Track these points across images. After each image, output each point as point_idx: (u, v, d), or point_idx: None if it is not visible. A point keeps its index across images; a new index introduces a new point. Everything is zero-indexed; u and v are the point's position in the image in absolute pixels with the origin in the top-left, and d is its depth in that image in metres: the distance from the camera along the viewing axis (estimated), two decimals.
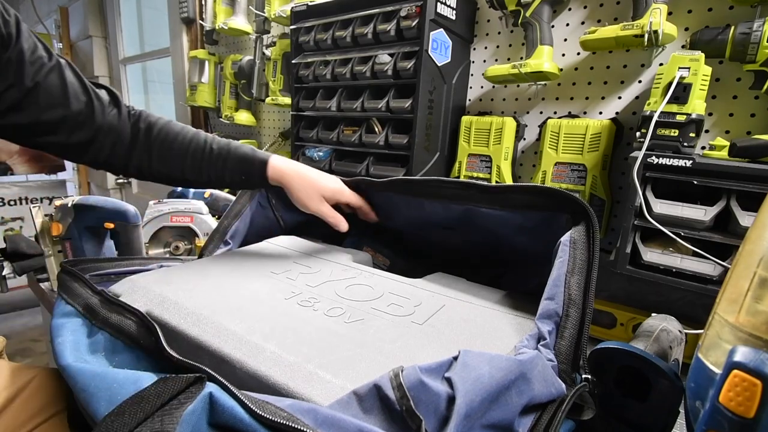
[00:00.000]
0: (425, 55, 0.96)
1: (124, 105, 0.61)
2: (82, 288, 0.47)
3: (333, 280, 0.56)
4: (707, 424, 0.28)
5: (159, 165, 0.62)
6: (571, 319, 0.42)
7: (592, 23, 0.92)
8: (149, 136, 0.61)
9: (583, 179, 0.87)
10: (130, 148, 0.61)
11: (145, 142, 0.61)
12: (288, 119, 1.62)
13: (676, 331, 0.50)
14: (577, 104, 0.97)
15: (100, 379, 0.32)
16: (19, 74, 0.51)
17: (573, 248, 0.46)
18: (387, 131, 1.05)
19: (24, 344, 2.29)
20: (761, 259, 0.29)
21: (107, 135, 0.59)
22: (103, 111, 0.58)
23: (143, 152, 0.61)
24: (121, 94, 0.61)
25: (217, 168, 0.63)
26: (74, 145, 0.57)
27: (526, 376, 0.33)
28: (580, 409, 0.38)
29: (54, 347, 0.40)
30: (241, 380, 0.36)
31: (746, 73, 0.75)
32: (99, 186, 3.06)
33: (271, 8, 1.41)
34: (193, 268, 0.57)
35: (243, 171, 0.64)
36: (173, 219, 1.03)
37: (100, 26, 2.90)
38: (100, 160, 0.60)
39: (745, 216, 0.61)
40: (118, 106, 0.60)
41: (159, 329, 0.36)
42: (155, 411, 0.27)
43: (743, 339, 0.29)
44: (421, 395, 0.29)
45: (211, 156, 0.63)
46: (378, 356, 0.38)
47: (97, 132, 0.58)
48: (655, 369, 0.40)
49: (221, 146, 0.63)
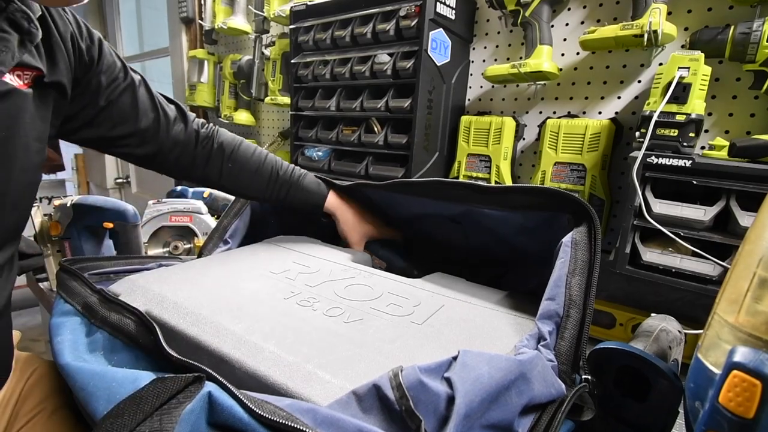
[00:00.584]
0: (424, 54, 0.96)
1: (192, 121, 0.64)
2: (81, 287, 0.47)
3: (332, 280, 0.55)
4: (707, 425, 0.28)
5: (226, 182, 0.67)
6: (572, 319, 0.42)
7: (591, 23, 0.92)
8: (222, 156, 0.65)
9: (583, 179, 0.87)
10: (196, 162, 0.65)
11: (217, 161, 0.65)
12: (287, 119, 1.61)
13: (676, 332, 0.50)
14: (576, 104, 0.97)
15: (99, 378, 0.32)
16: (96, 95, 0.54)
17: (574, 249, 0.46)
18: (386, 131, 1.05)
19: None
20: (761, 259, 0.29)
21: (171, 149, 0.62)
22: (168, 127, 0.61)
23: (213, 168, 0.66)
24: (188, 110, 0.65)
25: (280, 195, 0.70)
26: (140, 156, 0.61)
27: (526, 377, 0.33)
28: (579, 409, 0.38)
29: (53, 346, 0.40)
30: (240, 380, 0.36)
31: (746, 73, 0.75)
32: (98, 186, 3.05)
33: (271, 8, 1.41)
34: (192, 267, 0.57)
35: (303, 202, 0.72)
36: (172, 219, 1.03)
37: (99, 26, 2.89)
38: (165, 170, 0.65)
39: (745, 216, 0.61)
40: (185, 121, 0.63)
41: (158, 328, 0.36)
42: (154, 411, 0.27)
43: (743, 339, 0.29)
44: (421, 395, 0.29)
45: (276, 184, 0.69)
46: (377, 356, 0.38)
47: (161, 146, 0.61)
48: (654, 369, 0.40)
49: (286, 176, 0.69)
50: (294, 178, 0.70)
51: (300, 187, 0.70)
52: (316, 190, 0.72)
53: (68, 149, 3.10)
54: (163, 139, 0.61)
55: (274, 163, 0.69)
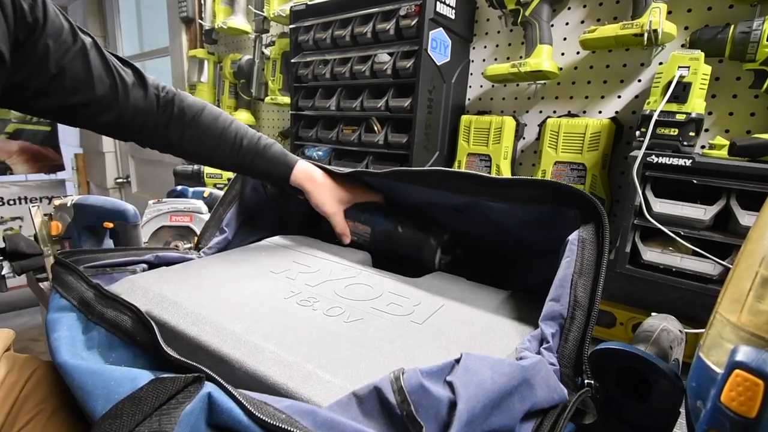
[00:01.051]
0: (424, 54, 0.96)
1: (151, 85, 0.61)
2: (77, 281, 0.46)
3: (332, 279, 0.55)
4: (709, 424, 0.28)
5: (188, 147, 0.64)
6: (577, 322, 0.41)
7: (591, 22, 0.92)
8: (183, 120, 0.62)
9: (583, 178, 0.87)
10: (158, 128, 0.61)
11: (178, 126, 0.62)
12: (287, 118, 1.61)
13: (677, 331, 0.50)
14: (576, 103, 0.97)
15: (97, 376, 0.31)
16: (44, 61, 0.50)
17: (581, 248, 0.44)
18: (386, 130, 1.05)
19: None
20: (763, 258, 0.29)
21: (134, 117, 0.59)
22: (127, 93, 0.57)
23: (174, 133, 0.62)
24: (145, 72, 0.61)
25: (244, 163, 0.66)
26: (103, 125, 0.58)
27: (529, 382, 0.33)
28: (581, 413, 0.38)
29: (50, 343, 0.39)
30: (240, 380, 0.36)
31: (746, 72, 0.75)
32: (98, 185, 3.05)
33: (271, 7, 1.41)
34: (192, 267, 0.57)
35: (268, 172, 0.67)
36: (172, 218, 1.03)
37: (99, 26, 2.89)
38: (129, 138, 0.62)
39: (745, 215, 0.61)
40: (145, 86, 0.60)
41: (156, 327, 0.36)
42: (153, 411, 0.26)
43: (745, 338, 0.29)
44: (422, 400, 0.29)
45: (240, 152, 0.65)
46: (377, 356, 0.38)
47: (122, 114, 0.58)
48: (655, 369, 0.40)
49: (251, 143, 0.65)
50: (260, 146, 0.66)
51: (265, 156, 0.66)
52: (282, 161, 0.67)
53: (68, 149, 3.10)
54: (122, 106, 0.57)
55: (239, 130, 0.65)
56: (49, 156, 2.92)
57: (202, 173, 1.50)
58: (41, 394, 0.48)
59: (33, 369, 0.50)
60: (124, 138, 0.62)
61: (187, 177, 1.50)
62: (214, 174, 1.51)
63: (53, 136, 2.93)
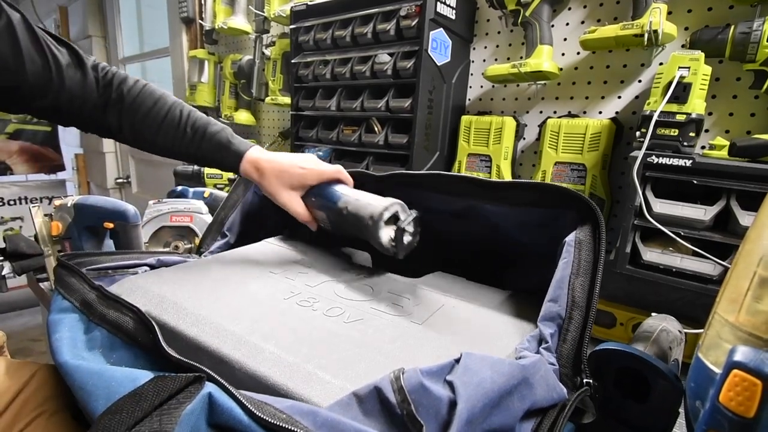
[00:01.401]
0: (425, 54, 0.96)
1: (90, 66, 0.56)
2: (80, 283, 0.47)
3: (332, 279, 0.55)
4: (707, 424, 0.28)
5: (128, 135, 0.59)
6: (575, 322, 0.41)
7: (591, 23, 0.92)
8: (121, 105, 0.57)
9: (583, 179, 0.87)
10: (96, 113, 0.57)
11: (118, 110, 0.57)
12: (288, 119, 1.61)
13: (676, 331, 0.50)
14: (576, 104, 0.97)
15: (98, 376, 0.31)
16: None
17: (578, 249, 0.45)
18: (386, 131, 1.05)
19: (23, 344, 2.28)
20: (761, 258, 0.29)
21: (71, 101, 0.55)
22: (62, 75, 0.53)
23: (112, 119, 0.57)
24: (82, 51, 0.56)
25: (190, 151, 0.60)
26: (40, 110, 0.54)
27: (529, 381, 0.33)
28: (580, 412, 0.38)
29: (51, 344, 0.39)
30: (240, 381, 0.36)
31: (746, 73, 0.75)
32: (99, 186, 3.06)
33: (271, 8, 1.41)
34: (192, 268, 0.57)
35: (219, 162, 0.61)
36: (173, 218, 1.03)
37: (99, 26, 2.90)
38: (70, 123, 0.58)
39: (745, 215, 0.61)
40: (82, 67, 0.55)
41: (157, 328, 0.36)
42: (153, 410, 0.27)
43: (743, 338, 0.29)
44: (422, 399, 0.29)
45: (185, 138, 0.59)
46: (377, 356, 0.38)
47: (58, 97, 0.54)
48: (654, 370, 0.40)
49: (196, 129, 0.60)
50: (206, 134, 0.59)
51: (210, 145, 0.60)
52: (229, 150, 0.60)
53: (69, 149, 3.11)
54: (57, 88, 0.53)
55: (183, 115, 0.59)
56: (49, 156, 2.93)
57: (203, 174, 1.50)
58: (41, 397, 0.48)
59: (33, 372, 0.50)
60: (65, 123, 0.58)
61: (188, 177, 1.51)
62: (215, 174, 1.51)
63: (53, 136, 2.94)
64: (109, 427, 0.26)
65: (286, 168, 0.61)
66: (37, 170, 2.89)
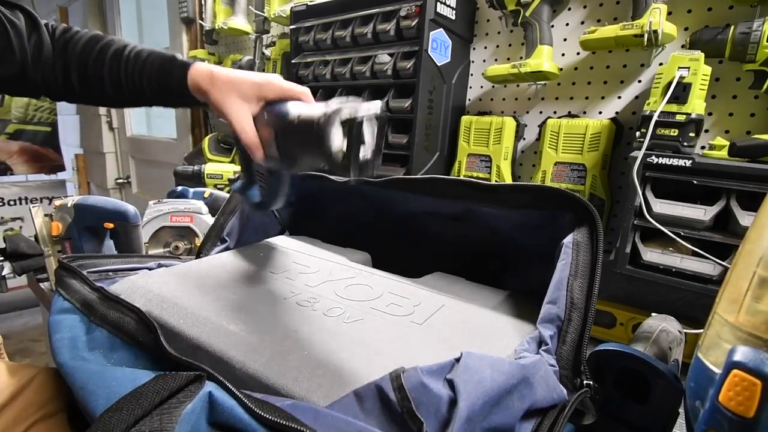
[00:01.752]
0: (425, 54, 0.96)
1: (44, 30, 0.53)
2: (80, 284, 0.47)
3: (332, 279, 0.55)
4: (707, 424, 0.28)
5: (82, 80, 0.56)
6: (574, 323, 0.41)
7: (591, 23, 0.92)
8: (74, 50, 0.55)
9: (583, 179, 0.87)
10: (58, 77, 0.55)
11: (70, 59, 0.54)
12: None
13: (676, 332, 0.50)
14: (576, 104, 0.97)
15: (99, 376, 0.32)
16: None
17: (576, 251, 0.45)
18: (387, 131, 1.05)
19: (23, 344, 2.28)
20: (761, 258, 0.29)
21: (35, 69, 0.52)
22: (22, 42, 0.50)
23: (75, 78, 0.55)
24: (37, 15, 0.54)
25: (135, 75, 0.55)
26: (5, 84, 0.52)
27: (529, 381, 0.33)
28: (580, 413, 0.38)
29: (52, 344, 0.39)
30: (240, 380, 0.36)
31: (746, 73, 0.75)
32: (99, 186, 3.06)
33: (271, 8, 1.41)
34: (191, 268, 0.57)
35: (161, 77, 0.55)
36: (173, 219, 1.03)
37: (99, 26, 2.89)
38: (39, 93, 0.56)
39: (745, 216, 0.61)
40: (38, 30, 0.52)
41: (158, 327, 0.36)
42: (153, 408, 0.27)
43: (743, 338, 0.29)
44: (422, 397, 0.29)
45: (129, 60, 0.54)
46: (377, 356, 0.38)
47: (24, 66, 0.52)
48: (654, 371, 0.40)
49: (139, 52, 0.56)
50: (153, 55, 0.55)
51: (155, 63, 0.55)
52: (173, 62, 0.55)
53: (69, 149, 3.11)
54: (19, 57, 0.50)
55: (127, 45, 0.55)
56: (49, 156, 2.93)
57: (203, 174, 1.50)
58: (42, 399, 0.48)
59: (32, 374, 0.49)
60: (34, 95, 0.56)
61: (188, 177, 1.51)
62: (215, 174, 1.51)
63: (54, 136, 2.94)
64: (109, 426, 0.26)
65: (243, 77, 0.52)
66: (38, 170, 2.88)
